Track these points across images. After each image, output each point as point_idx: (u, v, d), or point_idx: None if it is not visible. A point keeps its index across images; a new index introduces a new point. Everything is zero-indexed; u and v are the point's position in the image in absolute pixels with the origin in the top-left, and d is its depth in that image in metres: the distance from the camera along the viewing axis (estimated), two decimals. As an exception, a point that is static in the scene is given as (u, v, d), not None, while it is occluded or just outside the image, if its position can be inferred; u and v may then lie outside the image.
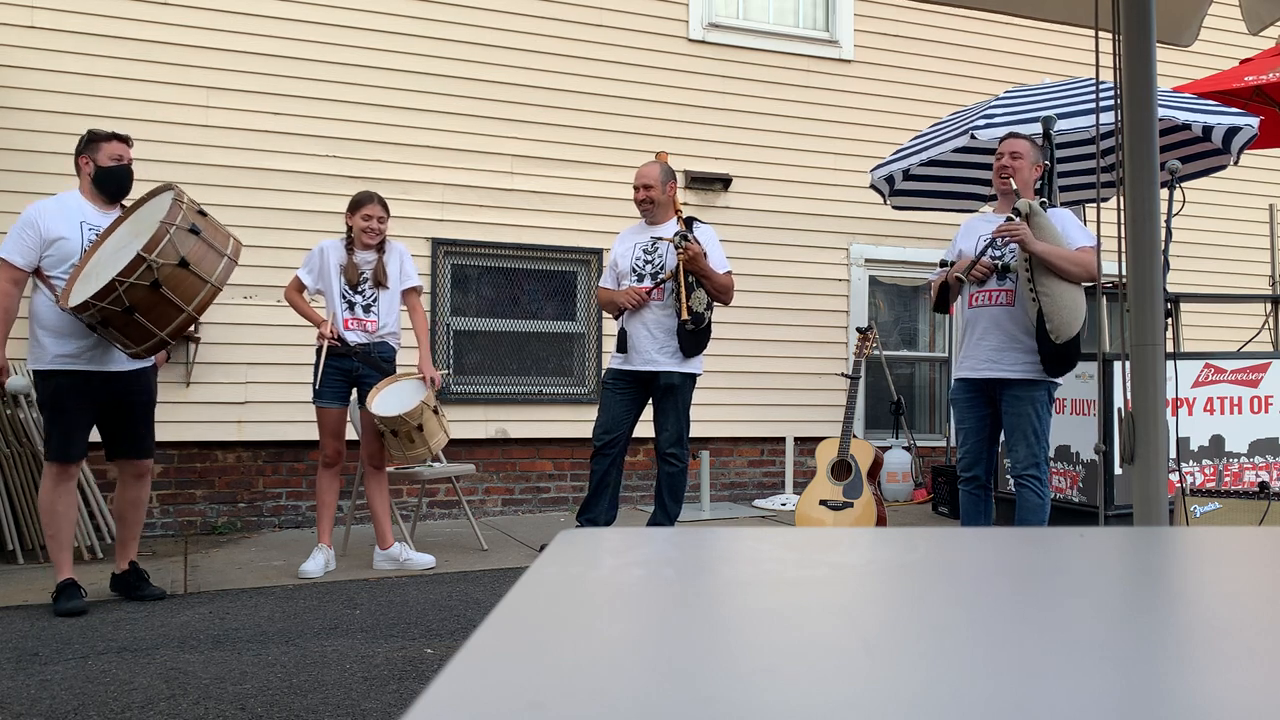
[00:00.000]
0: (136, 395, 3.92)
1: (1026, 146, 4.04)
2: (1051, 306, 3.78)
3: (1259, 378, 5.08)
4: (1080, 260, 3.80)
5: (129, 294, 3.50)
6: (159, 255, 3.53)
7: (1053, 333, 3.78)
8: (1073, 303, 3.81)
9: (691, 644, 0.51)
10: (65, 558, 3.84)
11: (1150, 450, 2.28)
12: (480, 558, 4.90)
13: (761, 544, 0.77)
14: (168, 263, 3.55)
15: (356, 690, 2.87)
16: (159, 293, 3.56)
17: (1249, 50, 6.94)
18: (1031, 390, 3.92)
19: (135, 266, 3.49)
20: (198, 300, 3.66)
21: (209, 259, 3.70)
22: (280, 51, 5.80)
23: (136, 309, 3.54)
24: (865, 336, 5.39)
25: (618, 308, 4.61)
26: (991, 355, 3.98)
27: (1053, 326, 3.78)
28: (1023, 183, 4.02)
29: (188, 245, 3.63)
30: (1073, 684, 0.43)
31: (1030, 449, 3.91)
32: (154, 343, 3.66)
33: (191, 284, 3.63)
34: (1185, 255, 7.45)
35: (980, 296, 4.03)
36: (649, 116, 6.60)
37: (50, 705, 2.73)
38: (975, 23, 7.33)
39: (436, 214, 6.11)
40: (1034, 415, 3.92)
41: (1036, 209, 3.86)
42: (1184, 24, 2.80)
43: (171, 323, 3.63)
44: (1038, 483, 3.92)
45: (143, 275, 3.51)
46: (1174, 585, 0.70)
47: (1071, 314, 3.80)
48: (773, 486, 6.94)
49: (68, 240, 3.76)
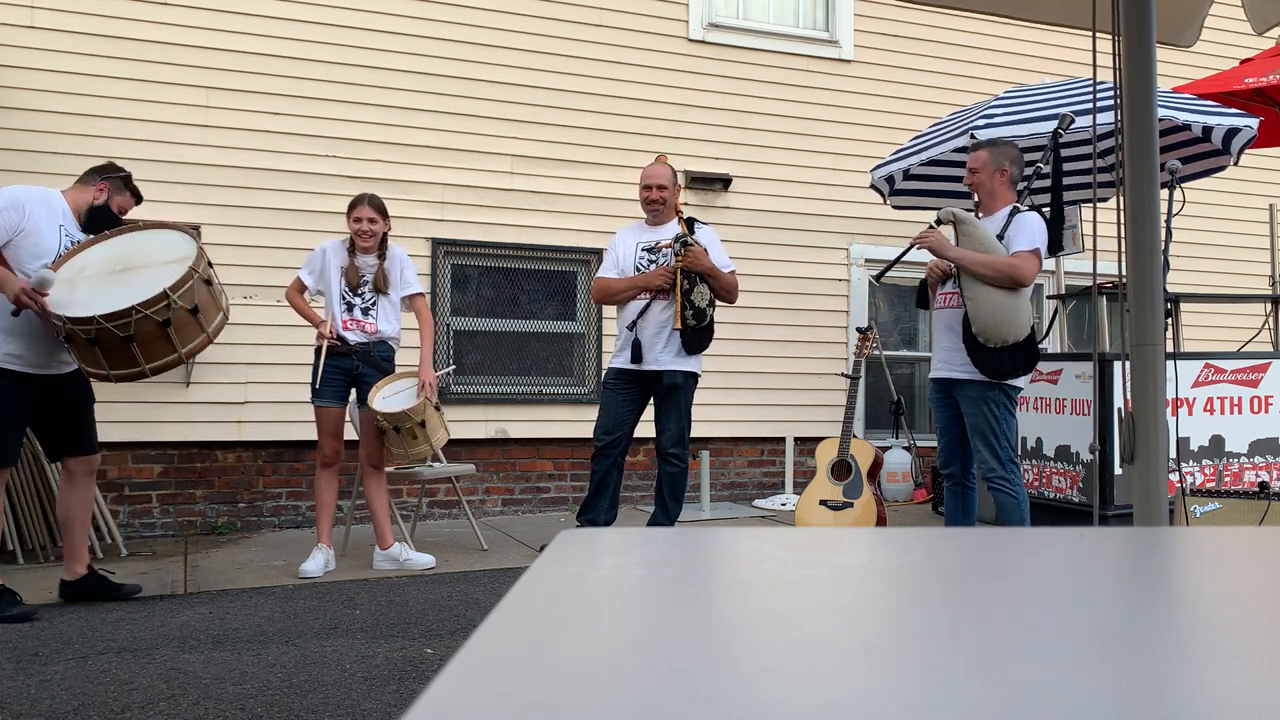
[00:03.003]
0: (78, 394, 3.88)
1: (983, 157, 4.12)
2: (975, 310, 3.87)
3: (1259, 378, 5.08)
4: (997, 266, 3.86)
5: (139, 324, 3.54)
6: (180, 297, 3.60)
7: (979, 334, 3.86)
8: (997, 307, 3.85)
9: (691, 644, 0.51)
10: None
11: (1150, 450, 2.28)
12: (480, 558, 4.90)
13: (761, 544, 0.77)
14: (184, 306, 3.63)
15: (356, 690, 2.87)
16: (165, 331, 3.61)
17: (1249, 50, 6.94)
18: (985, 391, 3.96)
19: (157, 301, 3.54)
20: (190, 346, 3.73)
21: (210, 311, 3.80)
22: (280, 51, 5.80)
23: (135, 339, 3.57)
24: (865, 336, 5.39)
25: (628, 297, 4.58)
26: (944, 356, 4.10)
27: (977, 329, 3.86)
28: (987, 192, 4.11)
29: (201, 294, 3.72)
30: (1073, 684, 0.43)
31: (992, 450, 3.97)
32: (133, 372, 3.66)
33: (192, 330, 3.71)
34: (1185, 255, 7.45)
35: (940, 299, 4.18)
36: (649, 116, 6.60)
37: (50, 705, 2.73)
38: (975, 23, 7.33)
39: (436, 214, 6.11)
40: (989, 416, 3.97)
41: (963, 217, 3.97)
42: (1184, 24, 2.80)
43: (159, 359, 3.66)
44: (1007, 483, 3.97)
45: (159, 311, 3.56)
46: (1174, 585, 0.70)
47: (997, 318, 3.84)
48: (773, 486, 6.94)
49: (45, 239, 3.69)
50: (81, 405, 3.91)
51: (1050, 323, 6.70)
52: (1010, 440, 3.99)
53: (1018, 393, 4.03)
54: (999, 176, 4.09)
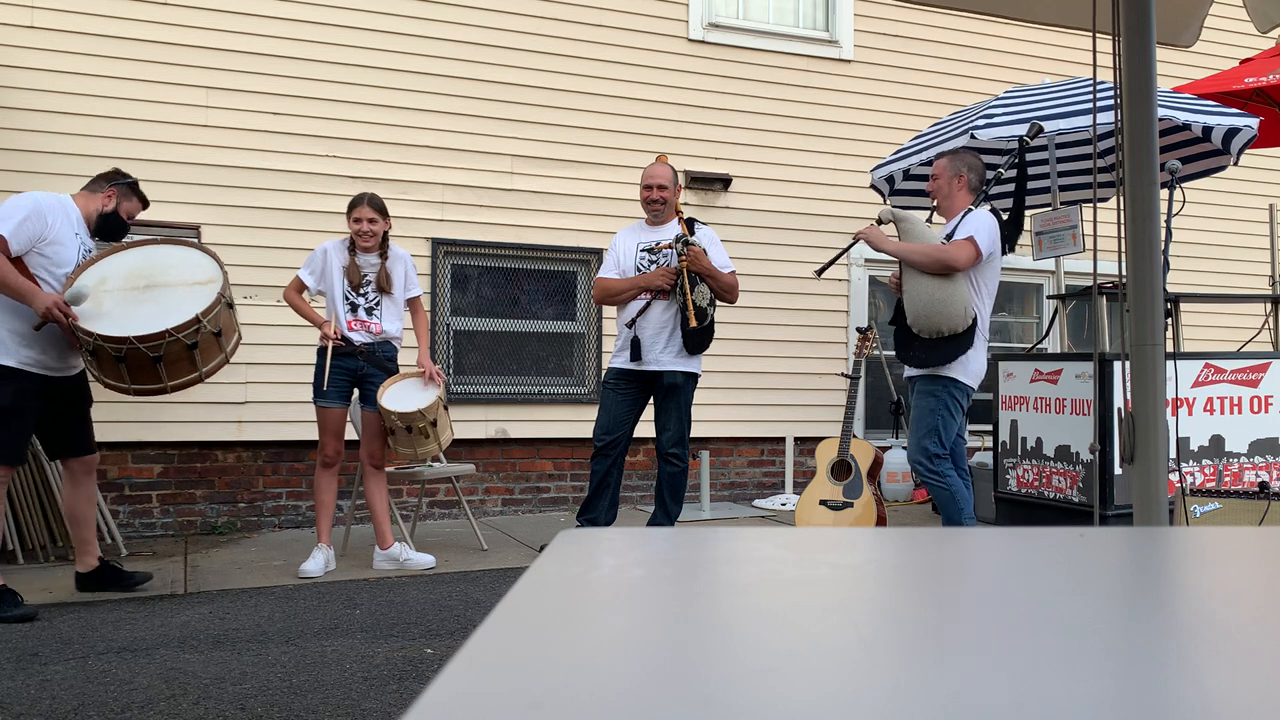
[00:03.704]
0: (80, 395, 3.98)
1: (942, 164, 4.31)
2: (908, 301, 4.08)
3: (1259, 378, 5.08)
4: (925, 251, 4.03)
5: (169, 346, 3.65)
6: (209, 322, 3.72)
7: (912, 325, 4.04)
8: (928, 296, 4.00)
9: (691, 644, 0.51)
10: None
11: (1150, 450, 2.28)
12: (480, 558, 4.90)
13: (761, 544, 0.77)
14: (209, 330, 3.74)
15: (356, 690, 2.87)
16: (191, 353, 3.72)
17: (1249, 50, 6.95)
18: (928, 384, 4.12)
19: (189, 325, 3.65)
20: (210, 366, 3.85)
21: (228, 333, 3.93)
22: (280, 51, 5.80)
23: (163, 360, 3.67)
24: (865, 336, 5.39)
25: (628, 298, 4.59)
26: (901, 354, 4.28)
27: (911, 319, 4.05)
28: (945, 196, 4.29)
29: (224, 318, 3.85)
30: (1072, 684, 0.43)
31: (919, 442, 4.11)
32: (154, 389, 3.77)
33: (214, 352, 3.85)
34: (1185, 255, 7.45)
35: None
36: (649, 116, 6.60)
37: (50, 705, 2.73)
38: (975, 23, 7.33)
39: (436, 214, 6.11)
40: (926, 409, 4.11)
41: (902, 216, 4.22)
42: (1184, 24, 2.80)
43: (181, 378, 3.78)
44: (936, 476, 4.08)
45: (190, 335, 3.68)
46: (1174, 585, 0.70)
47: (928, 307, 4.00)
48: (773, 486, 6.94)
49: (66, 248, 3.76)
50: (83, 406, 3.98)
51: (1050, 323, 6.70)
52: (943, 437, 4.09)
53: (964, 393, 4.12)
54: (956, 182, 4.26)
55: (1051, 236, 5.75)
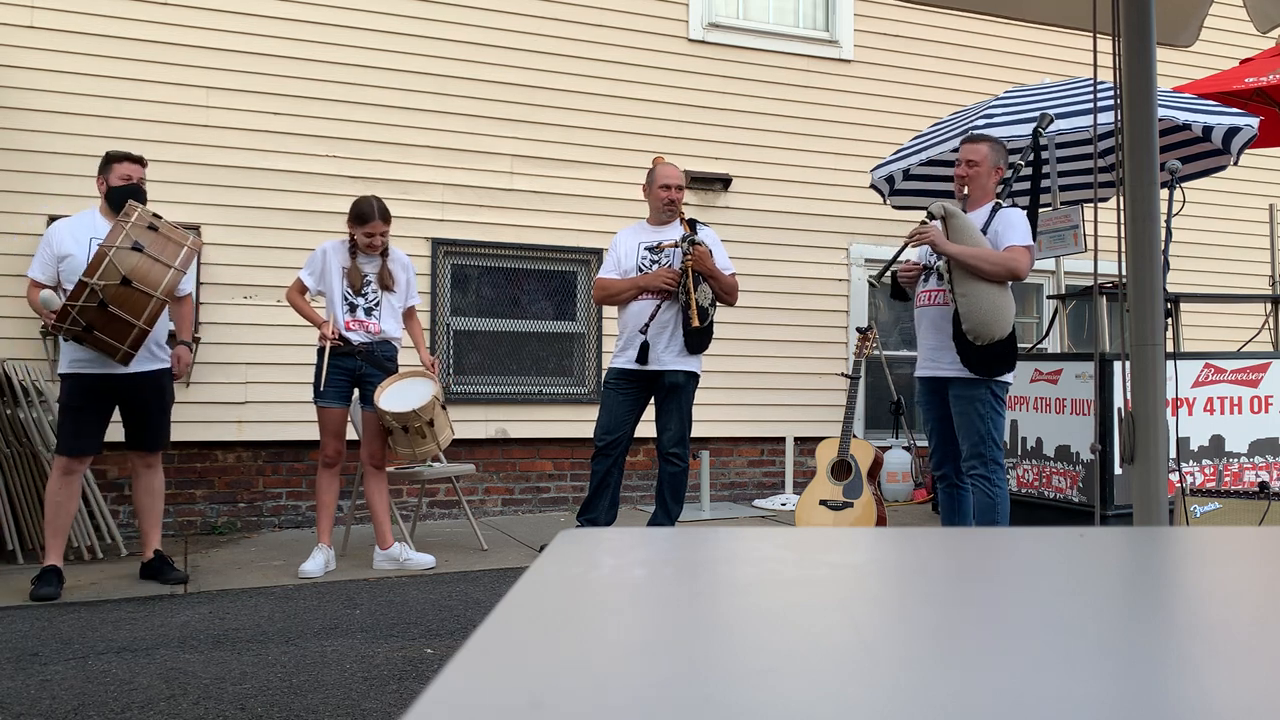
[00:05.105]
0: (145, 394, 4.21)
1: (984, 152, 4.08)
2: (967, 307, 3.84)
3: (1259, 378, 5.08)
4: (996, 259, 3.84)
5: (82, 314, 3.83)
6: (99, 278, 3.82)
7: (969, 333, 3.83)
8: (990, 304, 3.83)
9: (691, 644, 0.51)
10: (57, 545, 4.12)
11: (1150, 450, 2.28)
12: (480, 558, 4.90)
13: (761, 544, 0.77)
14: (110, 283, 3.84)
15: (356, 690, 2.87)
16: (108, 311, 3.86)
17: (1249, 50, 6.94)
18: (971, 389, 3.93)
19: (79, 291, 3.82)
20: (146, 314, 3.95)
21: (155, 272, 3.97)
22: (280, 51, 5.80)
23: (94, 326, 3.87)
24: (865, 336, 5.39)
25: (629, 298, 4.58)
26: (931, 355, 4.07)
27: (969, 327, 3.83)
28: (979, 188, 4.08)
29: (130, 263, 3.90)
30: (1072, 684, 0.43)
31: (974, 447, 3.94)
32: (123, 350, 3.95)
33: (138, 300, 3.92)
34: (1185, 255, 7.45)
35: (922, 296, 4.14)
36: (649, 116, 6.60)
37: (50, 705, 2.73)
38: (975, 23, 7.32)
39: (436, 214, 6.11)
40: (975, 414, 3.94)
41: (953, 211, 3.96)
42: (1184, 24, 2.80)
43: (129, 335, 3.94)
44: (986, 482, 3.93)
45: (89, 298, 3.81)
46: (1174, 585, 0.70)
47: (989, 315, 3.82)
48: (773, 486, 6.94)
49: (74, 256, 4.07)
50: (148, 404, 4.23)
51: (1050, 323, 6.70)
52: (997, 438, 3.96)
53: (1006, 390, 4.01)
54: (995, 174, 4.09)
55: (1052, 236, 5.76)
